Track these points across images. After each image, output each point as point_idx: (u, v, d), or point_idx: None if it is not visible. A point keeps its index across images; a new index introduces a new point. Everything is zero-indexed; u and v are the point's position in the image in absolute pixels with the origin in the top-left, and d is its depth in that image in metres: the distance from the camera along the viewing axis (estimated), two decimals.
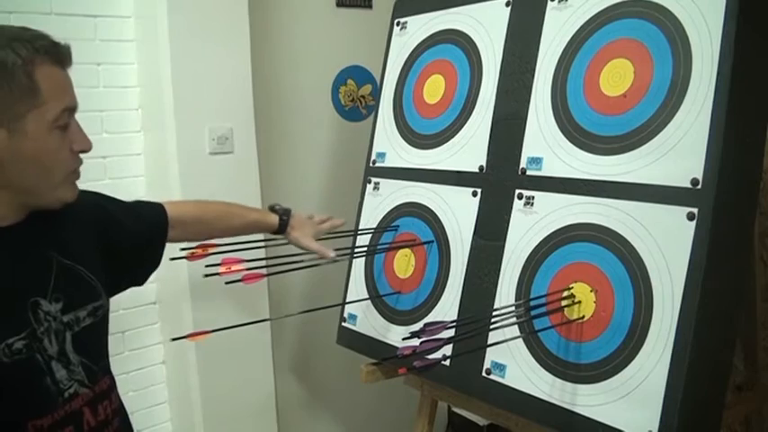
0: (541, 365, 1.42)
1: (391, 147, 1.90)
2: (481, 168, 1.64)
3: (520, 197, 1.54)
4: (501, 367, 1.50)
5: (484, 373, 1.53)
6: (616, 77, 1.39)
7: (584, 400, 1.34)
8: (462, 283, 1.63)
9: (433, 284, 1.71)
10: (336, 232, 1.79)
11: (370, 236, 1.89)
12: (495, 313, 1.36)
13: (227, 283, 1.56)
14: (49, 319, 1.07)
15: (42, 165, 1.05)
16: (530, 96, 1.55)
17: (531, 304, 1.41)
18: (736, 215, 1.31)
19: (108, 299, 1.23)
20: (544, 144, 1.50)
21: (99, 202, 1.32)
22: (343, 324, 1.95)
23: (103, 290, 1.21)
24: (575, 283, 1.40)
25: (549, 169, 1.48)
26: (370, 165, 1.96)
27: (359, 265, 1.93)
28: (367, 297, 1.87)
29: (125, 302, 2.11)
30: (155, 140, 2.12)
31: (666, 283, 1.25)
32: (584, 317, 1.37)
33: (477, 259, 1.61)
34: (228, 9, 2.09)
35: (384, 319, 1.82)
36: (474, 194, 1.64)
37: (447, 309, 1.65)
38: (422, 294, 1.73)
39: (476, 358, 1.53)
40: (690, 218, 1.23)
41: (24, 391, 1.04)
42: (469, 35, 1.73)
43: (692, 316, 1.21)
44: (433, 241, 1.73)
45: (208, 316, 2.03)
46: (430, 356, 1.30)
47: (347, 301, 1.93)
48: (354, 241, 1.92)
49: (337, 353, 1.99)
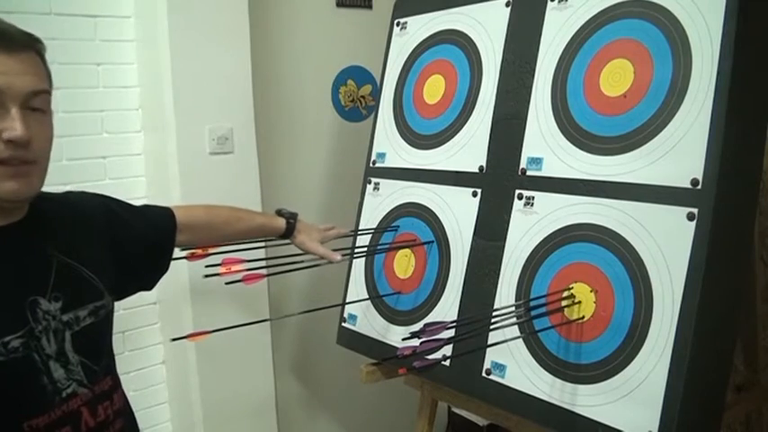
0: (541, 366, 1.42)
1: (391, 147, 1.90)
2: (481, 169, 1.64)
3: (520, 197, 1.54)
4: (501, 367, 1.50)
5: (484, 374, 1.53)
6: (616, 78, 1.39)
7: (584, 400, 1.34)
8: (462, 283, 1.63)
9: (433, 285, 1.71)
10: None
11: (370, 236, 1.89)
12: (495, 313, 1.35)
13: (227, 284, 1.56)
14: (47, 318, 1.07)
15: None
16: (530, 96, 1.55)
17: (531, 304, 1.41)
18: (736, 215, 1.30)
19: (112, 300, 1.23)
20: (544, 144, 1.50)
21: (109, 204, 1.32)
22: (343, 324, 1.95)
23: (107, 291, 1.20)
24: (575, 283, 1.40)
25: (549, 169, 1.48)
26: (371, 165, 1.96)
27: (359, 265, 1.93)
28: (367, 297, 1.87)
29: (125, 303, 2.08)
30: (155, 141, 2.12)
31: (666, 284, 1.25)
32: (584, 317, 1.37)
33: (478, 259, 1.61)
34: (229, 9, 2.09)
35: (384, 319, 1.82)
36: (474, 195, 1.64)
37: (447, 309, 1.65)
38: (422, 295, 1.73)
39: (476, 358, 1.53)
40: (690, 218, 1.23)
41: (20, 389, 1.03)
42: (469, 35, 1.73)
43: (692, 316, 1.21)
44: (433, 241, 1.73)
45: (208, 316, 2.03)
46: (430, 357, 1.31)
47: (347, 301, 1.93)
48: (354, 241, 1.92)
49: (337, 353, 1.99)
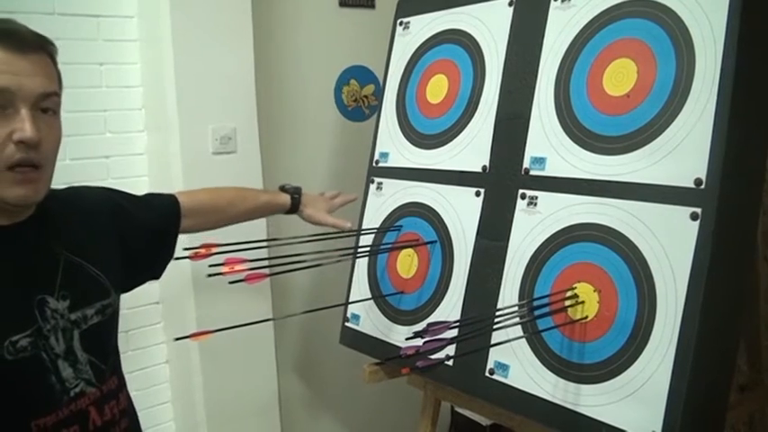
0: (545, 365, 1.42)
1: (394, 147, 1.90)
2: (484, 168, 1.64)
3: (523, 197, 1.54)
4: (504, 367, 1.50)
5: (487, 373, 1.53)
6: (619, 77, 1.39)
7: (588, 400, 1.33)
8: (465, 283, 1.63)
9: (436, 284, 1.71)
10: (339, 232, 1.79)
11: (373, 236, 1.89)
12: (498, 313, 1.35)
13: (230, 283, 1.56)
14: (56, 317, 1.07)
15: None
16: (533, 96, 1.55)
17: (535, 304, 1.41)
18: (739, 215, 1.30)
19: (118, 297, 1.23)
20: (547, 144, 1.50)
21: (111, 196, 1.32)
22: (346, 324, 1.95)
23: (113, 288, 1.20)
24: (578, 283, 1.39)
25: (553, 169, 1.48)
26: (374, 165, 1.96)
27: (362, 264, 1.93)
28: (370, 297, 1.87)
29: (128, 302, 2.09)
30: (158, 140, 2.12)
31: (670, 284, 1.25)
32: (587, 317, 1.37)
33: (481, 259, 1.61)
34: (231, 9, 2.09)
35: (387, 318, 1.82)
36: (477, 194, 1.64)
37: (450, 309, 1.65)
38: (425, 294, 1.73)
39: (479, 358, 1.53)
40: (693, 218, 1.23)
41: (28, 389, 1.04)
42: (472, 35, 1.73)
43: (695, 316, 1.20)
44: (436, 241, 1.73)
45: (211, 316, 2.03)
46: (433, 356, 1.30)
47: (350, 300, 1.93)
48: (357, 241, 1.92)
49: (340, 353, 1.99)
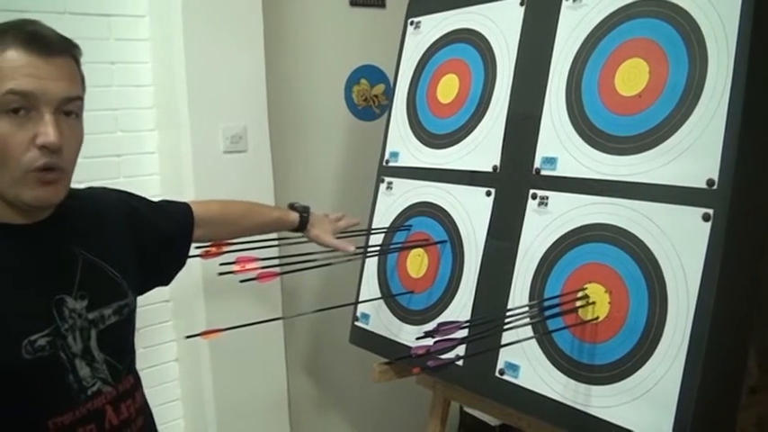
0: (555, 366, 1.42)
1: (404, 146, 1.90)
2: (495, 168, 1.64)
3: (534, 197, 1.53)
4: (514, 368, 1.50)
5: (497, 374, 1.53)
6: (631, 77, 1.38)
7: (598, 401, 1.33)
8: (476, 283, 1.63)
9: (447, 284, 1.71)
10: (350, 232, 1.79)
11: (383, 235, 1.89)
12: (508, 313, 1.35)
13: (242, 281, 1.57)
14: (74, 317, 1.08)
15: None
16: (544, 96, 1.54)
17: (545, 305, 1.41)
18: (751, 216, 1.30)
19: (135, 298, 1.24)
20: (558, 144, 1.50)
21: (128, 200, 1.32)
22: (356, 323, 1.95)
23: (130, 289, 1.21)
24: (589, 283, 1.39)
25: (564, 169, 1.48)
26: (384, 164, 1.96)
27: (372, 264, 1.93)
28: (380, 296, 1.87)
29: (139, 300, 2.11)
30: (169, 139, 2.13)
31: (681, 285, 1.24)
32: (598, 318, 1.36)
33: (491, 259, 1.61)
34: (243, 8, 2.10)
35: (397, 318, 1.82)
36: (488, 194, 1.64)
37: (460, 309, 1.65)
38: (435, 294, 1.73)
39: (489, 358, 1.53)
40: (705, 219, 1.22)
41: (46, 388, 1.04)
42: (483, 34, 1.73)
43: (706, 317, 1.20)
44: (446, 241, 1.73)
45: (221, 314, 2.04)
46: (443, 356, 1.31)
47: (360, 300, 1.93)
48: (367, 240, 1.92)
49: (350, 352, 2.00)
